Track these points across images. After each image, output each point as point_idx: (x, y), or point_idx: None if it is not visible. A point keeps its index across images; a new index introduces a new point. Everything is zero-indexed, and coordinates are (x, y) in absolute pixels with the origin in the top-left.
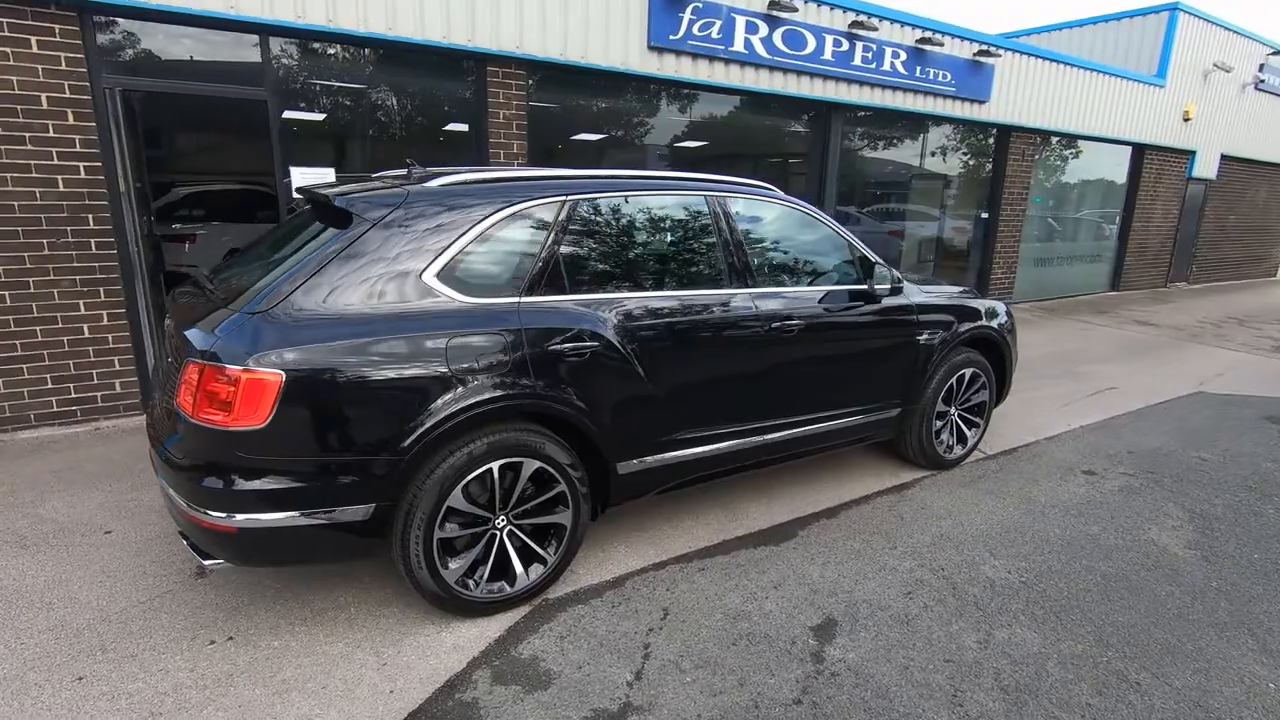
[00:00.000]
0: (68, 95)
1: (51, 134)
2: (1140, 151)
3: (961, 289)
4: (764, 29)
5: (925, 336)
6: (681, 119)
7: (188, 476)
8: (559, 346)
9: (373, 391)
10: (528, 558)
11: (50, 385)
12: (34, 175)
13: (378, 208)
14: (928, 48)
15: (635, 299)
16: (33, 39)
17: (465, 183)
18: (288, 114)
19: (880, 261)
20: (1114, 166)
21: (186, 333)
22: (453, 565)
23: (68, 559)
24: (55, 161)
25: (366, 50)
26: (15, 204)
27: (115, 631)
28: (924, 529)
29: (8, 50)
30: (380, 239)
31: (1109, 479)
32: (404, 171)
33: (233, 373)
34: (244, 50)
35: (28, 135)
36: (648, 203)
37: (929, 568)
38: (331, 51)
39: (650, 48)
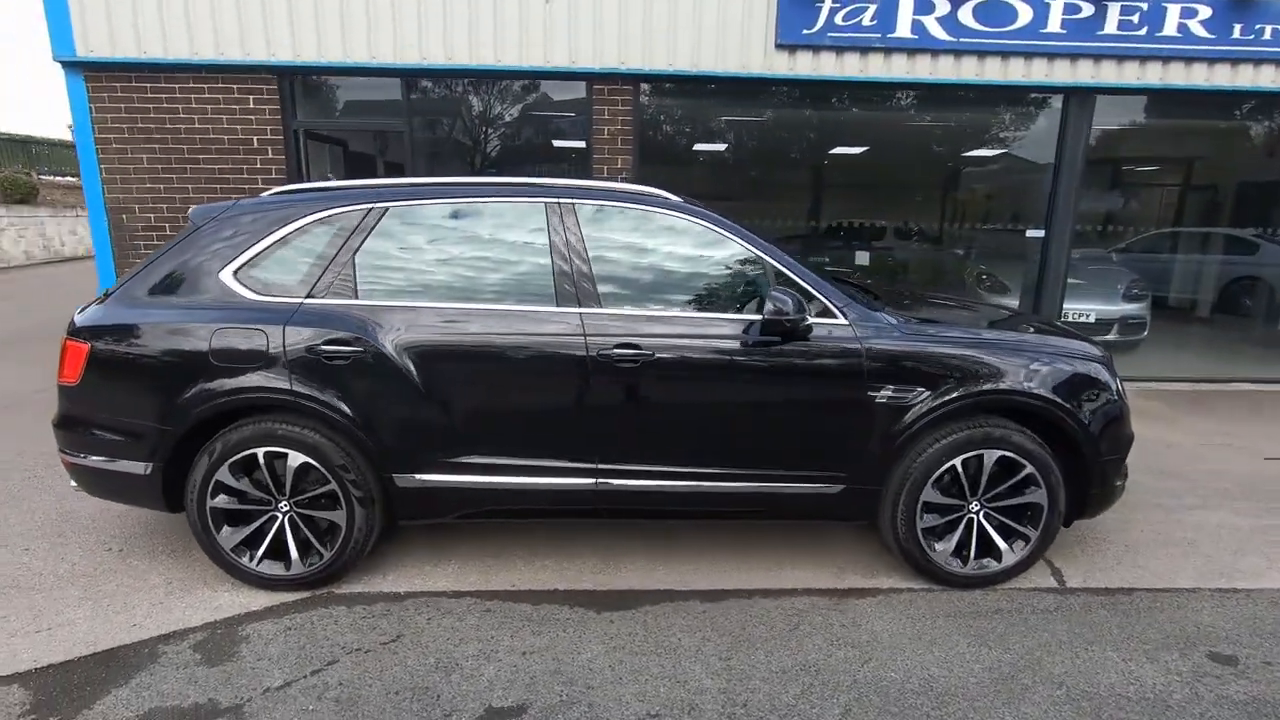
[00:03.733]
0: (269, 136)
1: (259, 165)
2: None
3: (1097, 352)
4: (943, 6)
5: (890, 393)
6: (829, 123)
7: (55, 420)
8: (321, 348)
9: (148, 369)
10: (307, 548)
11: None
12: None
13: (207, 214)
14: None
15: (419, 309)
16: (251, 97)
17: (291, 191)
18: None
19: (814, 288)
20: None
21: None
22: (226, 532)
23: None
24: (260, 184)
25: (483, 82)
26: None
27: (78, 525)
28: (802, 653)
29: (235, 106)
30: (197, 241)
31: (1249, 678)
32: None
33: (65, 340)
34: (388, 91)
35: (245, 166)
36: (467, 211)
37: (728, 697)
38: (455, 86)
39: (778, 46)
